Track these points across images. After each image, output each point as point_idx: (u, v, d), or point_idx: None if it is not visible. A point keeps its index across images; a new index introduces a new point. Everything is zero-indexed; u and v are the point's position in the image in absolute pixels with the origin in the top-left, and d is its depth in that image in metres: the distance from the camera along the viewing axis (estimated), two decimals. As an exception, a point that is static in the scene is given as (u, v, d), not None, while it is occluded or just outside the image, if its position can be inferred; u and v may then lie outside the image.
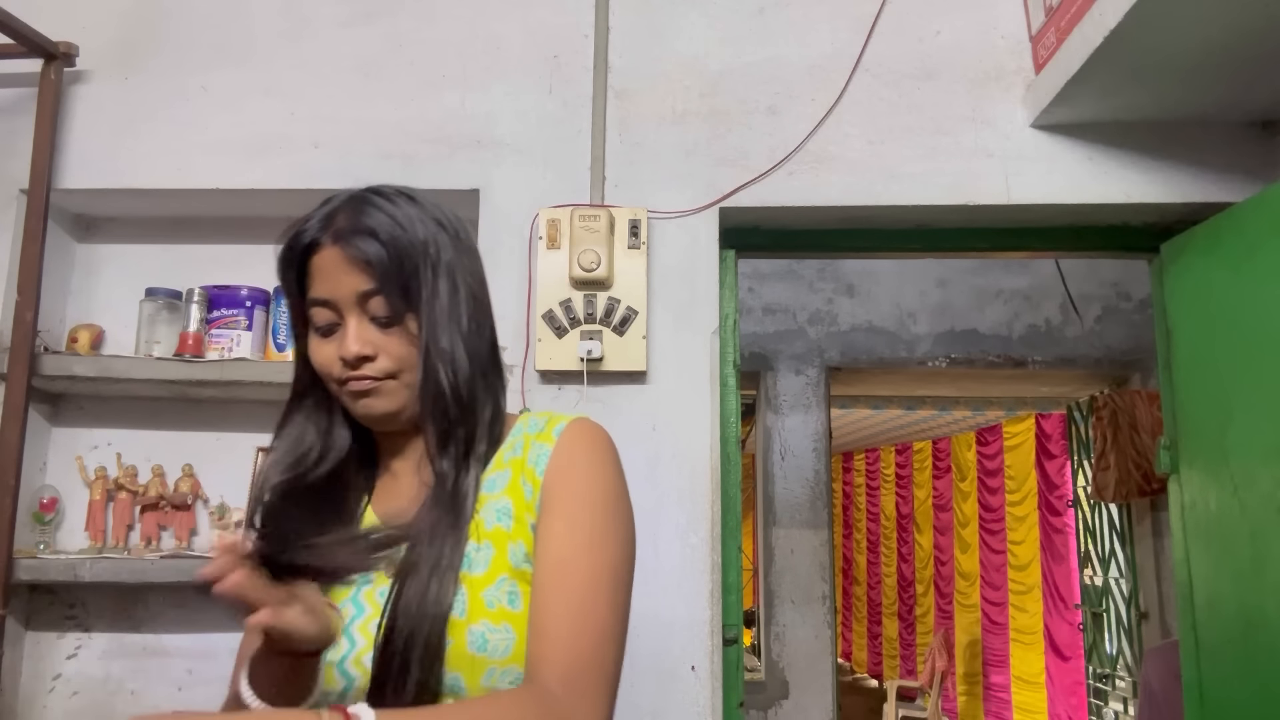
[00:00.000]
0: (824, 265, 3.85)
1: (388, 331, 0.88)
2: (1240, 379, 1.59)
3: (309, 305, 0.90)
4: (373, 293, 0.87)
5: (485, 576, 0.84)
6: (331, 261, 0.88)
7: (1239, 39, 1.45)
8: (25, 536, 1.78)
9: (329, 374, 0.89)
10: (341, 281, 0.87)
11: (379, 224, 0.89)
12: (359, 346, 0.87)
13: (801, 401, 3.81)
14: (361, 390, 0.88)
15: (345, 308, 0.88)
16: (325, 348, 0.89)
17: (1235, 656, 1.59)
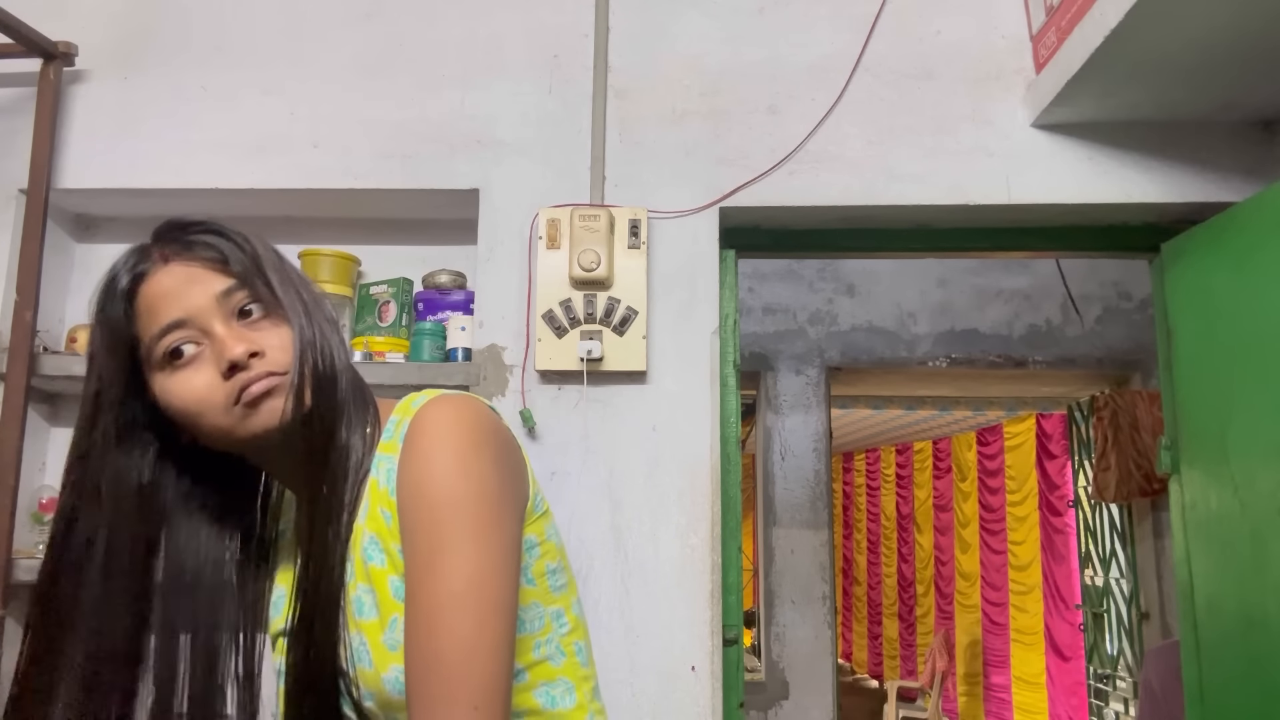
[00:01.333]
0: (824, 265, 3.85)
1: (261, 325, 0.80)
2: (1241, 379, 1.59)
3: (152, 343, 0.78)
4: (235, 288, 0.80)
5: (378, 621, 0.77)
6: (173, 278, 0.79)
7: (1239, 39, 1.44)
8: (25, 536, 1.78)
9: (209, 405, 0.77)
10: (192, 292, 0.78)
11: (209, 226, 0.83)
12: (244, 344, 0.77)
13: (802, 401, 3.81)
14: (261, 392, 0.77)
15: (204, 318, 0.78)
16: (192, 377, 0.78)
17: (1236, 656, 1.59)
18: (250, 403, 0.77)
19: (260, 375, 0.77)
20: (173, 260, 0.80)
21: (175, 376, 0.78)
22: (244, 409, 0.77)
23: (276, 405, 0.78)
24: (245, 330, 0.79)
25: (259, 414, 0.78)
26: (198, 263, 0.80)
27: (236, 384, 0.77)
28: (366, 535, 0.79)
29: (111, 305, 0.80)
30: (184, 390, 0.78)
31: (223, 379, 0.77)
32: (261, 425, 0.78)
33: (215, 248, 0.80)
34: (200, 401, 0.78)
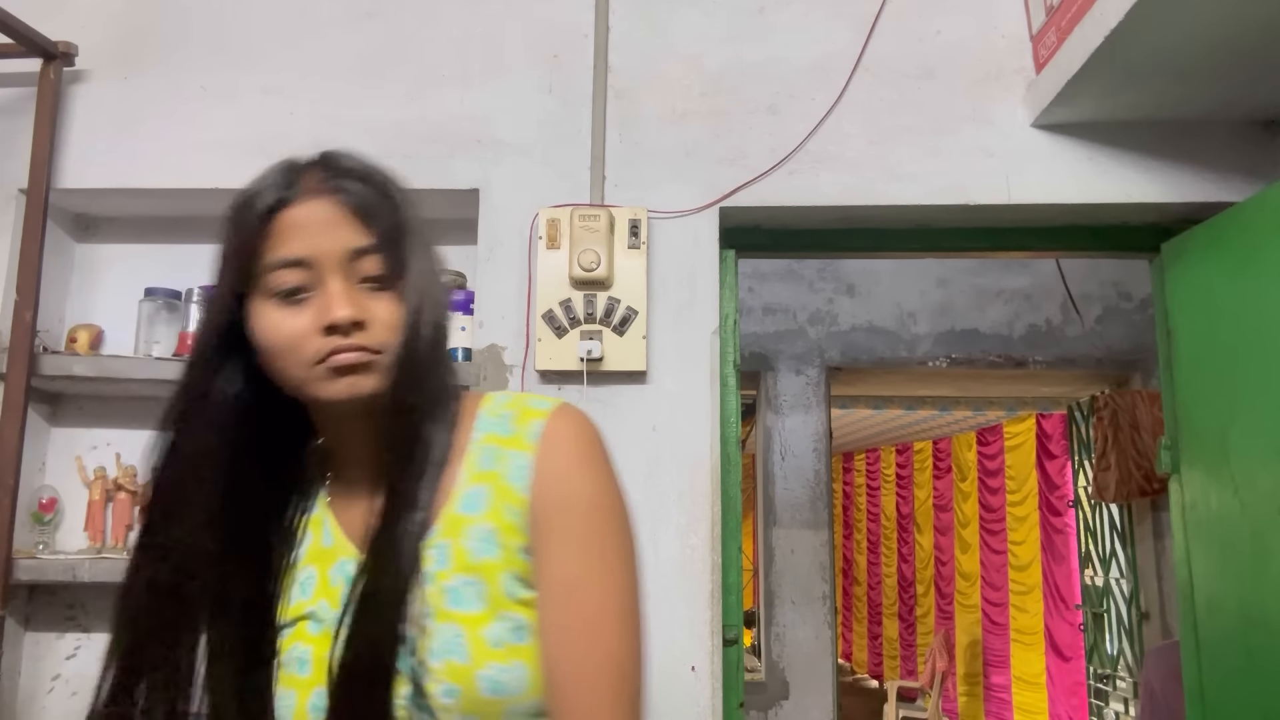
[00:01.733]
0: (824, 265, 3.85)
1: (377, 295, 0.76)
2: (1241, 379, 1.59)
3: (267, 269, 0.75)
4: (368, 250, 0.75)
5: (482, 615, 0.74)
6: (314, 215, 0.76)
7: (1239, 38, 1.44)
8: (24, 537, 1.78)
9: (296, 350, 0.74)
10: (327, 237, 0.75)
11: (372, 174, 0.79)
12: (352, 309, 0.73)
13: (802, 401, 3.81)
14: (351, 365, 0.74)
15: (327, 268, 0.74)
16: (293, 318, 0.74)
17: (1236, 656, 1.58)
18: (335, 369, 0.74)
19: (355, 346, 0.74)
20: (321, 196, 0.76)
21: (275, 311, 0.75)
22: (327, 372, 0.74)
23: (361, 382, 0.74)
24: (359, 294, 0.75)
25: (338, 384, 0.74)
26: (343, 208, 0.76)
27: (328, 345, 0.73)
28: (478, 527, 0.76)
29: (248, 215, 0.77)
30: (277, 328, 0.74)
31: (318, 333, 0.74)
32: (337, 394, 0.75)
33: (366, 201, 0.76)
34: (288, 345, 0.74)
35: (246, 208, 0.78)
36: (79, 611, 1.85)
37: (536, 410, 0.80)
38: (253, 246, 0.76)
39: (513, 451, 0.79)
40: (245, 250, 0.76)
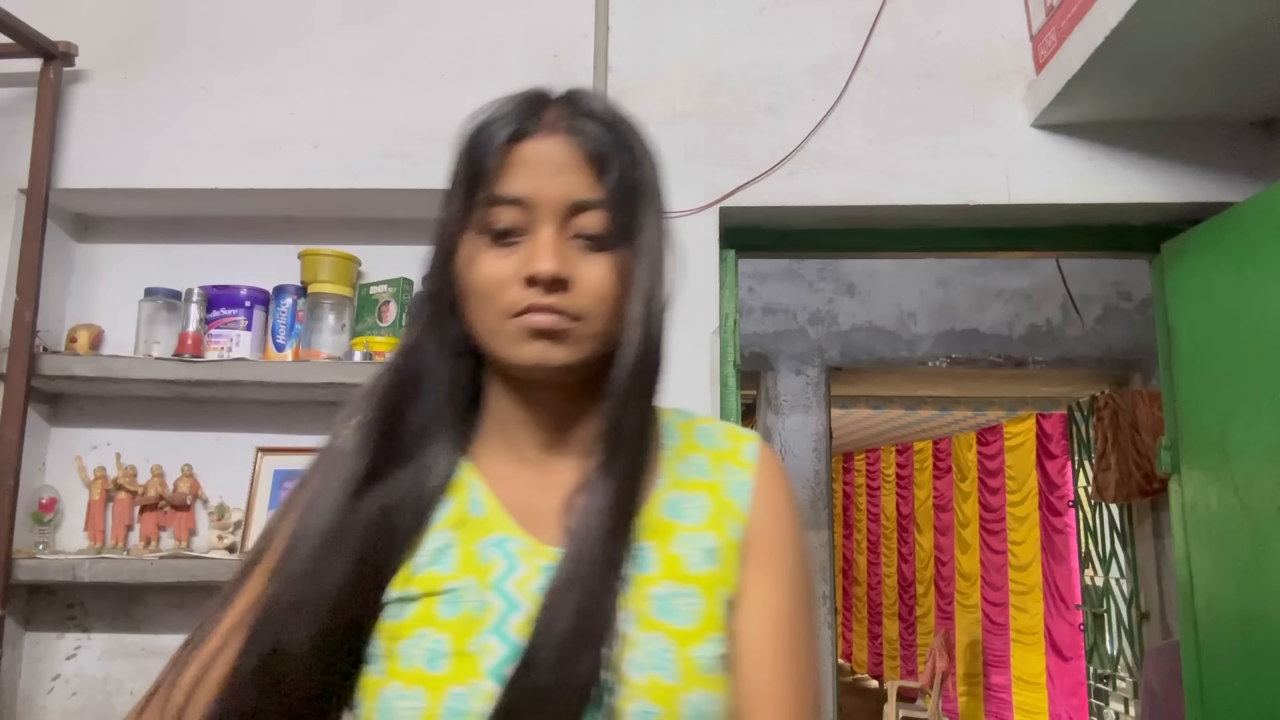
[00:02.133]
0: (824, 265, 3.85)
1: (593, 258, 0.68)
2: (1241, 379, 1.59)
3: (488, 202, 0.69)
4: (593, 206, 0.68)
5: (695, 631, 0.66)
6: (547, 153, 0.69)
7: (1239, 39, 1.44)
8: (24, 537, 1.78)
9: (493, 295, 0.68)
10: (552, 181, 0.68)
11: (617, 121, 0.72)
12: (556, 264, 0.66)
13: (802, 401, 3.81)
14: (543, 328, 0.67)
15: (543, 214, 0.68)
16: (499, 261, 0.68)
17: (1236, 657, 1.58)
18: (525, 329, 0.67)
19: (551, 308, 0.66)
20: (556, 134, 0.70)
21: (481, 248, 0.69)
22: (519, 330, 0.67)
23: (551, 351, 0.67)
24: (571, 251, 0.68)
25: (527, 347, 0.67)
26: (576, 152, 0.69)
27: (525, 299, 0.67)
28: (697, 536, 0.70)
29: (480, 142, 0.71)
30: (479, 268, 0.68)
31: (519, 283, 0.67)
32: (523, 359, 0.68)
33: (602, 148, 0.69)
34: (486, 288, 0.68)
35: (482, 135, 0.71)
36: (79, 611, 1.85)
37: (745, 433, 0.77)
38: (479, 177, 0.70)
39: (731, 467, 0.74)
40: (472, 180, 0.70)
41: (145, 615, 1.85)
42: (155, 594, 1.85)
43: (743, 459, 0.75)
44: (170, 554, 1.77)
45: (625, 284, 0.69)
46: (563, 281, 0.66)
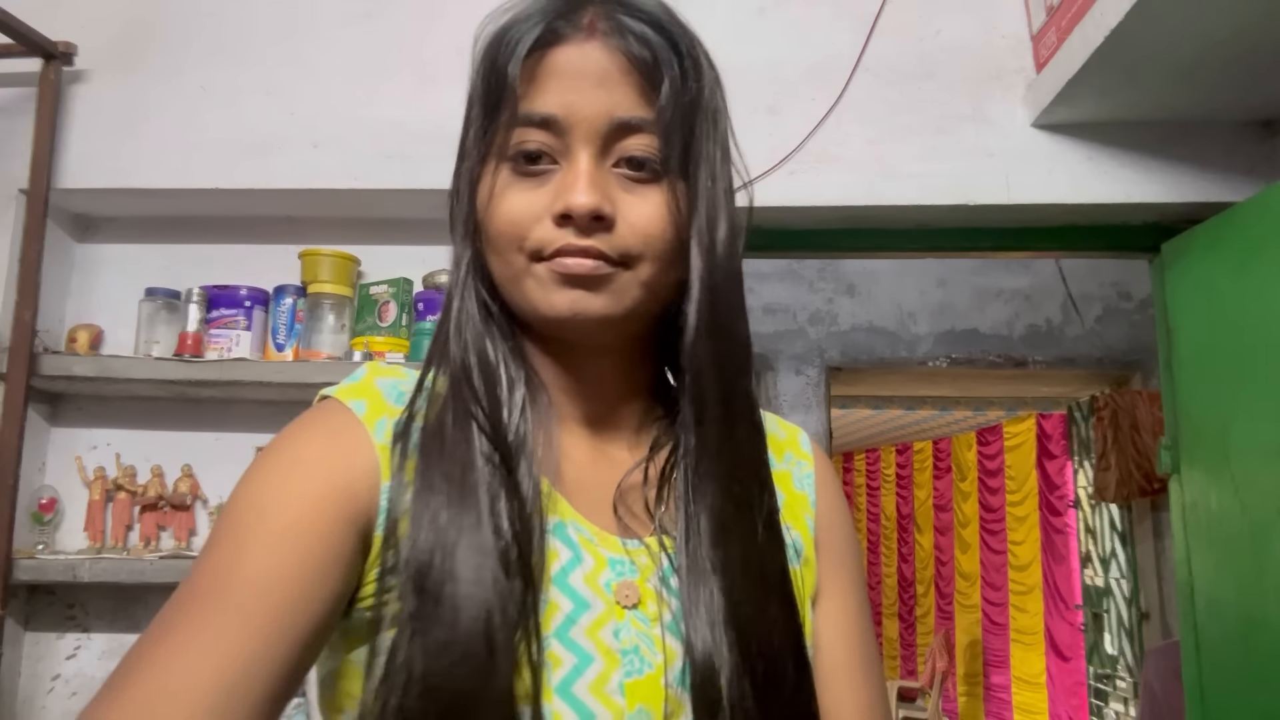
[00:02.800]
0: (824, 265, 3.85)
1: (640, 190, 0.56)
2: (1241, 379, 1.58)
3: (515, 123, 0.57)
4: (641, 126, 0.56)
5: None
6: (583, 61, 0.56)
7: (1239, 39, 1.44)
8: (24, 537, 1.78)
9: (518, 235, 0.56)
10: (591, 95, 0.55)
11: (671, 21, 0.60)
12: (595, 197, 0.54)
13: (802, 402, 3.81)
14: (579, 274, 0.55)
15: (578, 136, 0.56)
16: (526, 194, 0.56)
17: (1236, 657, 1.58)
18: (556, 275, 0.56)
19: (589, 251, 0.55)
20: (596, 37, 0.57)
21: (506, 178, 0.57)
22: (550, 275, 0.56)
23: (587, 301, 0.55)
24: (612, 181, 0.56)
25: (560, 296, 0.56)
26: (622, 60, 0.56)
27: (557, 239, 0.55)
28: (784, 530, 0.61)
29: (501, 47, 0.58)
30: (500, 201, 0.57)
31: (550, 219, 0.55)
32: (554, 310, 0.56)
33: (655, 54, 0.56)
34: (509, 226, 0.56)
35: (503, 39, 0.58)
36: (79, 611, 1.85)
37: (790, 423, 0.70)
38: (500, 92, 0.58)
39: (794, 456, 0.67)
40: (492, 96, 0.59)
41: (145, 615, 1.85)
42: (155, 594, 1.85)
43: (802, 449, 0.69)
44: (170, 554, 1.77)
45: (680, 223, 0.56)
46: (603, 218, 0.55)
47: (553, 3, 0.58)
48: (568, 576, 0.56)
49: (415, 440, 0.56)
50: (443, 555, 0.52)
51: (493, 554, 0.52)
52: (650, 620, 0.56)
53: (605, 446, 0.63)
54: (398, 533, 0.54)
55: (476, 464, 0.55)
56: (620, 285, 0.56)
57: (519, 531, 0.54)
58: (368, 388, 0.60)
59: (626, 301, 0.56)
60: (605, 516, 0.59)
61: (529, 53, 0.56)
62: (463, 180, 0.61)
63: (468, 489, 0.54)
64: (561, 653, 0.53)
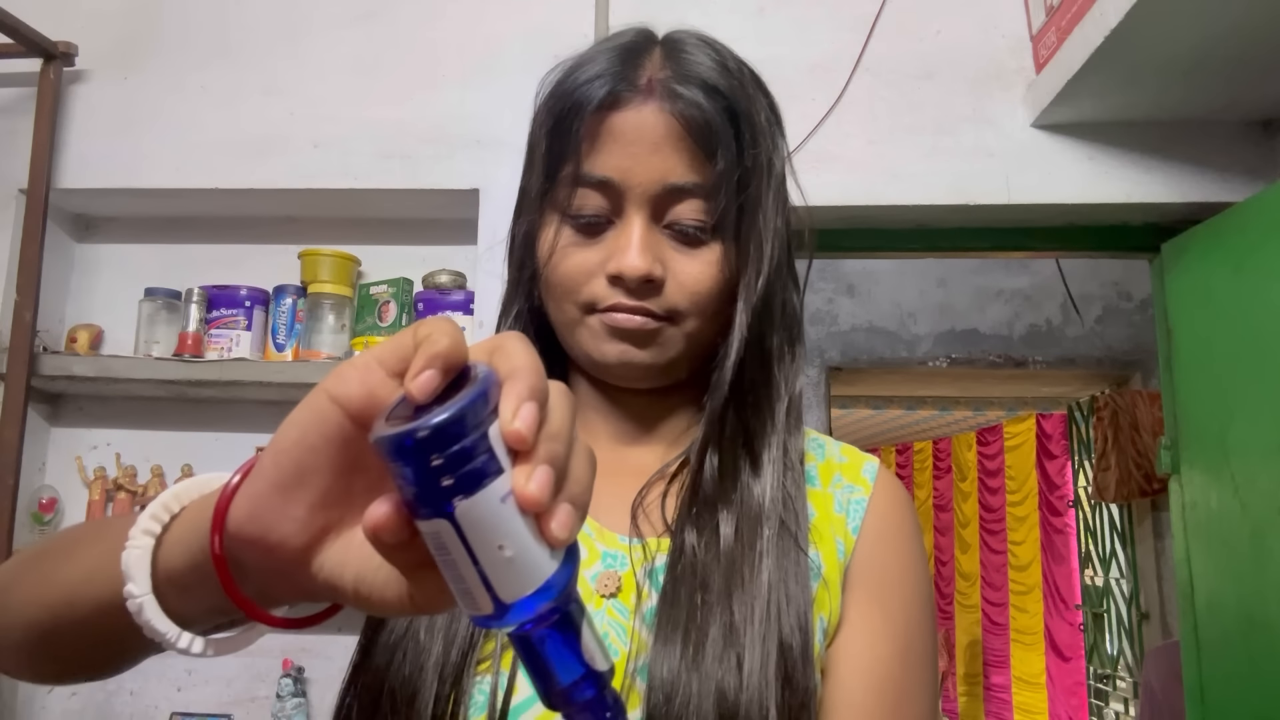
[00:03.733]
0: (824, 265, 3.85)
1: (688, 252, 0.59)
2: (1241, 379, 1.58)
3: (572, 182, 0.59)
4: (693, 190, 0.58)
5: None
6: (640, 126, 0.58)
7: (1240, 39, 1.44)
8: (25, 537, 1.78)
9: (573, 290, 0.60)
10: (645, 161, 0.57)
11: (728, 81, 0.60)
12: (647, 262, 0.57)
13: (802, 402, 3.80)
14: (629, 329, 0.59)
15: (632, 200, 0.58)
16: (581, 252, 0.60)
17: (1236, 657, 1.58)
18: (608, 327, 0.59)
19: (638, 309, 0.58)
20: (651, 100, 0.58)
21: (565, 234, 0.60)
22: (602, 326, 0.59)
23: (635, 354, 0.59)
24: (663, 242, 0.59)
25: (610, 347, 0.60)
26: (677, 126, 0.58)
27: (609, 297, 0.59)
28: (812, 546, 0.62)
29: (569, 105, 0.60)
30: (560, 257, 0.60)
31: (603, 277, 0.59)
32: (604, 358, 0.60)
33: (708, 122, 0.57)
34: (567, 280, 0.60)
35: (569, 98, 0.60)
36: (79, 611, 1.85)
37: (866, 455, 0.68)
38: (562, 150, 0.60)
39: (845, 481, 0.65)
40: (555, 153, 0.61)
41: (145, 615, 1.85)
42: (155, 594, 1.84)
43: (862, 475, 0.65)
44: (170, 554, 1.77)
45: (728, 280, 0.60)
46: (653, 281, 0.58)
47: (614, 58, 0.60)
48: None
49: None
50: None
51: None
52: (629, 611, 0.57)
53: (628, 456, 0.65)
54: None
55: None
56: (665, 339, 0.60)
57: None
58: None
59: (670, 353, 0.61)
60: (614, 516, 0.61)
61: (593, 114, 0.59)
62: (522, 230, 0.64)
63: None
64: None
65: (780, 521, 0.59)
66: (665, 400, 0.66)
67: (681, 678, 0.52)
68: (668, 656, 0.53)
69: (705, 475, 0.61)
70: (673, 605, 0.55)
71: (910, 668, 0.60)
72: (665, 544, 0.59)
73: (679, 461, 0.64)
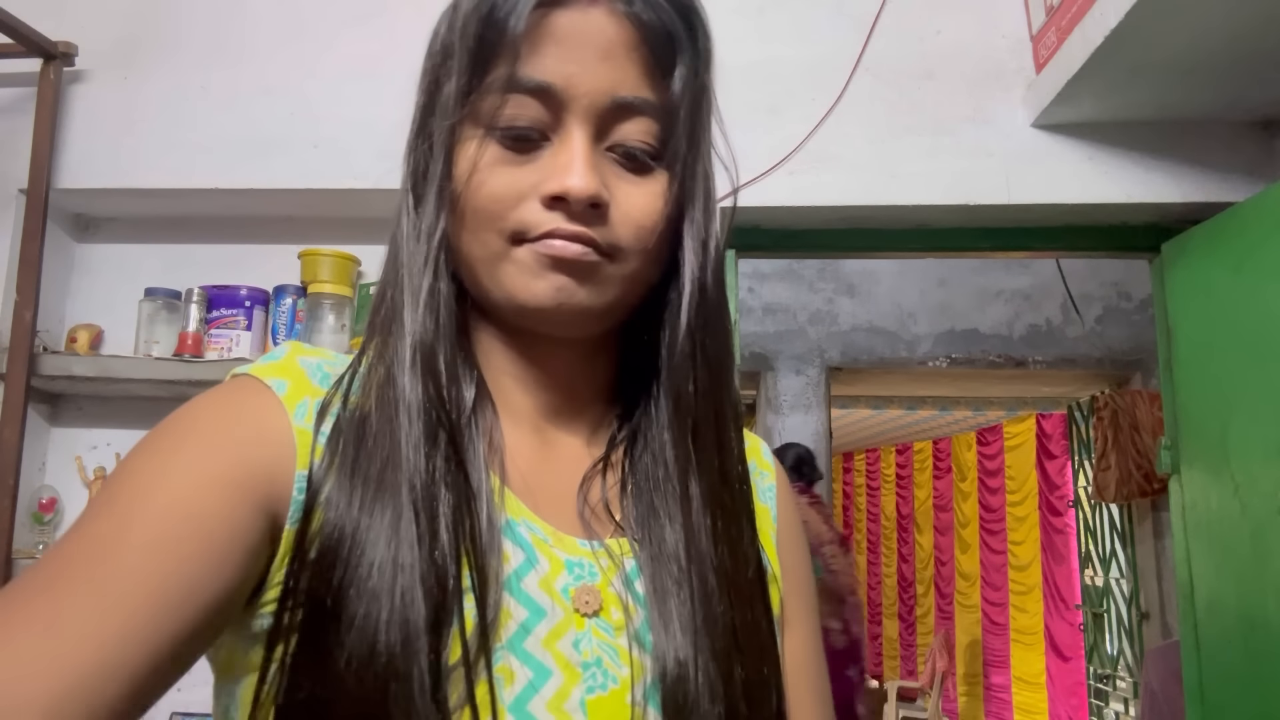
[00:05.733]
0: (824, 265, 3.85)
1: (633, 180, 0.52)
2: (1241, 379, 1.58)
3: (505, 87, 0.50)
4: (646, 108, 0.51)
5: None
6: (589, 28, 0.50)
7: (1239, 38, 1.44)
8: (24, 537, 1.78)
9: (499, 215, 0.51)
10: (593, 68, 0.50)
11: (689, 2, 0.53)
12: (595, 182, 0.50)
13: (802, 401, 3.81)
14: (568, 259, 0.51)
15: (575, 112, 0.51)
16: (511, 170, 0.51)
17: (1236, 657, 1.58)
18: (543, 258, 0.51)
19: (581, 236, 0.50)
20: (602, 3, 0.51)
21: (490, 151, 0.51)
22: (533, 257, 0.51)
23: (574, 290, 0.51)
24: (605, 165, 0.52)
25: (542, 281, 0.51)
26: (632, 33, 0.51)
27: (546, 221, 0.50)
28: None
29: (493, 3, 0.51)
30: (482, 175, 0.51)
31: (537, 200, 0.51)
32: (535, 298, 0.51)
33: (669, 30, 0.52)
34: (491, 204, 0.51)
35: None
36: (79, 611, 1.85)
37: (753, 434, 0.64)
38: (492, 48, 0.51)
39: (757, 465, 0.62)
40: (481, 51, 0.51)
41: (145, 615, 1.85)
42: (155, 594, 1.85)
43: (764, 458, 0.64)
44: (170, 554, 1.77)
45: (671, 218, 0.53)
46: (599, 206, 0.50)
47: None
48: (521, 580, 0.50)
49: (342, 425, 0.50)
50: (359, 554, 0.46)
51: (420, 553, 0.46)
52: (614, 629, 0.52)
53: (556, 441, 0.58)
54: (310, 528, 0.47)
55: (413, 453, 0.48)
56: (605, 277, 0.52)
57: (468, 529, 0.48)
58: (290, 366, 0.53)
59: (609, 295, 0.53)
60: (562, 516, 0.54)
61: (532, 8, 0.50)
62: (437, 142, 0.54)
63: (400, 481, 0.48)
64: (516, 666, 0.48)
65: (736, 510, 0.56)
66: (591, 361, 0.59)
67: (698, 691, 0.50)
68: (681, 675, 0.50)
69: (648, 460, 0.56)
70: (665, 620, 0.51)
71: (822, 653, 0.63)
72: (625, 546, 0.54)
73: (618, 445, 0.58)
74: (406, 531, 0.46)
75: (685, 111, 0.52)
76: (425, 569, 0.46)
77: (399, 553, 0.46)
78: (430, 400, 0.50)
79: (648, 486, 0.55)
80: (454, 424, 0.50)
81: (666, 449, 0.55)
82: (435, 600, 0.45)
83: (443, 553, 0.47)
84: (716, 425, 0.56)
